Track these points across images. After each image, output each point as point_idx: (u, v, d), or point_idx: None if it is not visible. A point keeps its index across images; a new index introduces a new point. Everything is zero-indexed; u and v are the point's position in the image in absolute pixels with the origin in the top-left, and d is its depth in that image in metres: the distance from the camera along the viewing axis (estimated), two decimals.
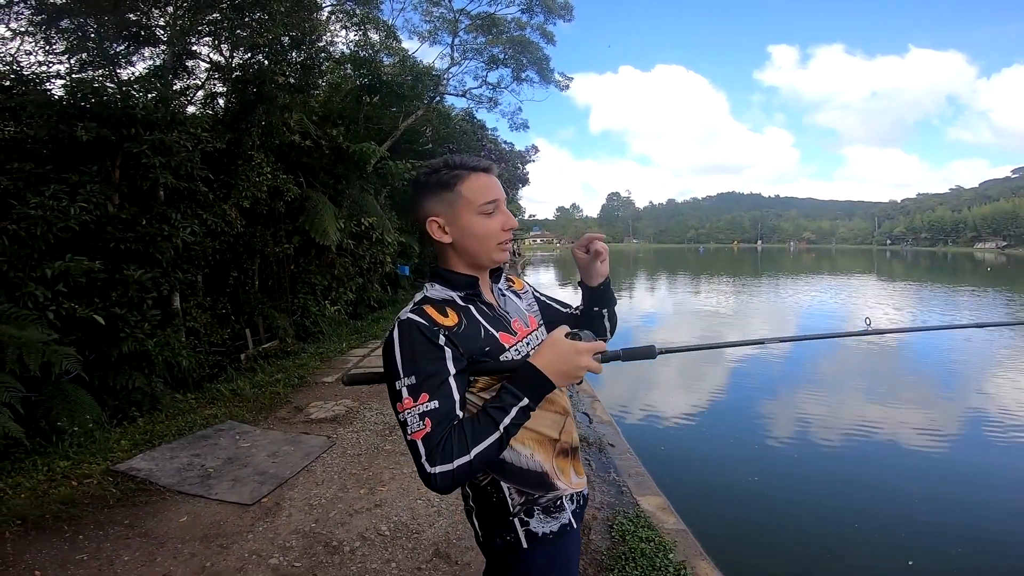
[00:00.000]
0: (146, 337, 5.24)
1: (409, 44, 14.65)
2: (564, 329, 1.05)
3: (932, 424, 5.66)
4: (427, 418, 0.96)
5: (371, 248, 11.30)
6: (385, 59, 12.91)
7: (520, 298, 1.27)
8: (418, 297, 1.11)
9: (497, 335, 1.10)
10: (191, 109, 7.20)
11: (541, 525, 1.11)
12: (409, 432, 0.96)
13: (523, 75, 15.61)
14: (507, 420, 0.99)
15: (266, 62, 7.28)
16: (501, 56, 14.91)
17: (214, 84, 7.74)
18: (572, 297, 1.40)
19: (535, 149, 22.24)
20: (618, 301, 1.22)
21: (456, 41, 14.85)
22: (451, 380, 1.01)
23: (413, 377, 0.98)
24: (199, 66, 7.47)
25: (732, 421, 5.86)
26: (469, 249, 1.09)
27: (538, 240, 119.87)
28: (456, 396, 1.00)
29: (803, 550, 3.32)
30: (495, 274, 1.19)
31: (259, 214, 7.82)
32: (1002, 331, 11.94)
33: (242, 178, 6.98)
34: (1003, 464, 4.71)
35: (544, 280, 28.68)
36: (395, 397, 1.00)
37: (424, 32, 14.80)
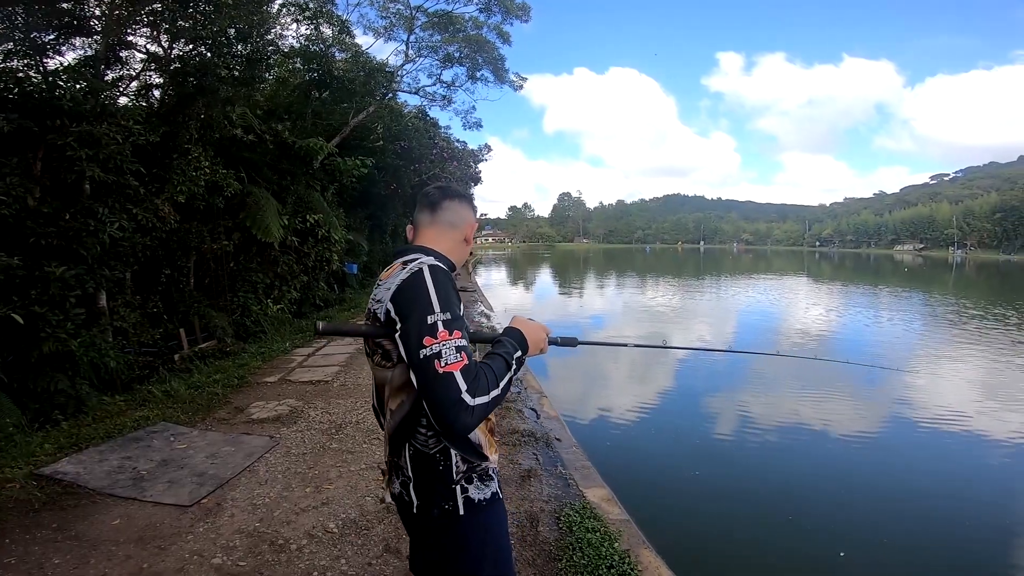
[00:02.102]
0: (69, 337, 4.92)
1: (364, 39, 14.42)
2: (523, 317, 1.31)
3: (861, 420, 6.03)
4: (463, 352, 1.04)
5: (317, 246, 11.01)
6: (337, 54, 12.60)
7: None
8: (425, 255, 1.20)
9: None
10: (123, 101, 6.79)
11: (478, 492, 1.19)
12: (443, 364, 1.01)
13: (478, 74, 15.65)
14: (514, 364, 1.15)
15: (209, 54, 6.96)
16: (456, 55, 14.86)
17: (150, 76, 7.33)
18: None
19: (488, 148, 22.30)
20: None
21: (412, 38, 14.72)
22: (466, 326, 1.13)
23: (448, 314, 1.06)
24: (134, 57, 7.05)
25: (674, 418, 6.09)
26: (461, 254, 1.34)
27: (490, 239, 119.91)
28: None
29: (740, 540, 3.47)
30: None
31: (196, 210, 7.47)
32: (923, 327, 13.08)
33: (177, 172, 6.68)
34: (924, 457, 5.05)
35: (495, 279, 28.80)
36: (426, 330, 1.03)
37: (379, 28, 14.58)
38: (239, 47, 7.44)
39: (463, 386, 1.00)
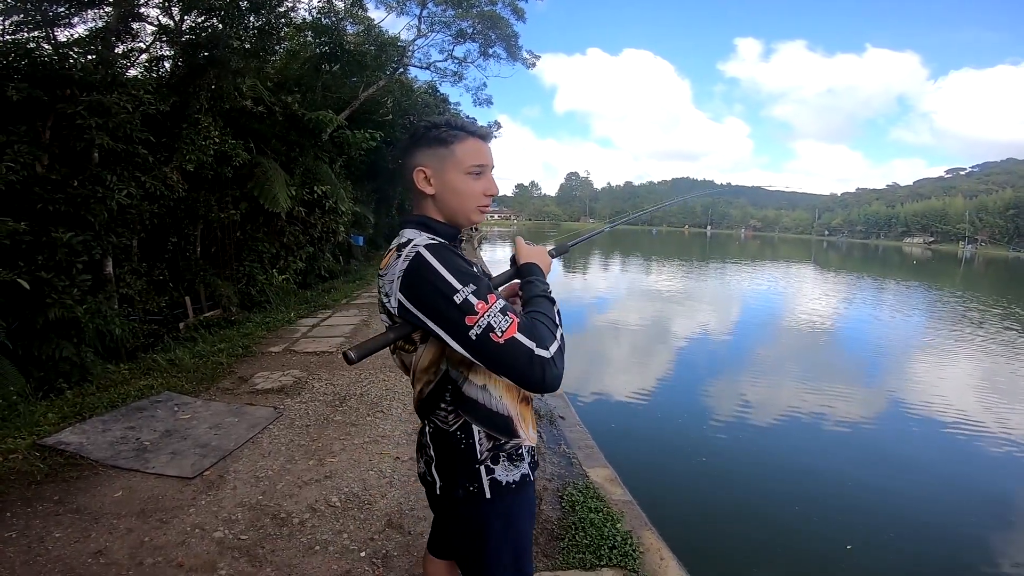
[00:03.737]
0: (75, 303, 4.94)
1: (376, 13, 14.07)
2: (523, 239, 1.26)
3: (867, 410, 6.01)
4: (509, 312, 0.97)
5: (323, 217, 10.97)
6: (349, 28, 12.37)
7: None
8: (416, 234, 1.08)
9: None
10: (133, 72, 6.74)
11: (505, 473, 1.12)
12: (500, 333, 0.94)
13: (490, 51, 15.29)
14: (552, 296, 1.11)
15: (220, 26, 6.85)
16: (469, 30, 14.52)
17: (160, 47, 7.26)
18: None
19: (498, 125, 21.91)
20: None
21: (424, 13, 14.33)
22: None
23: (472, 284, 0.97)
24: (145, 29, 6.96)
25: (679, 402, 6.08)
26: (449, 204, 1.12)
27: (496, 216, 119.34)
28: None
29: (744, 529, 3.44)
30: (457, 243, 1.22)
31: (204, 179, 7.43)
32: (923, 318, 12.99)
33: (186, 142, 6.64)
34: (932, 450, 5.03)
35: (500, 256, 28.73)
36: (461, 311, 0.95)
37: (392, 2, 14.23)
38: (251, 18, 7.32)
39: (531, 344, 0.94)
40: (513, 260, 1.25)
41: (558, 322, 1.05)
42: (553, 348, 0.96)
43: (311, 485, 2.78)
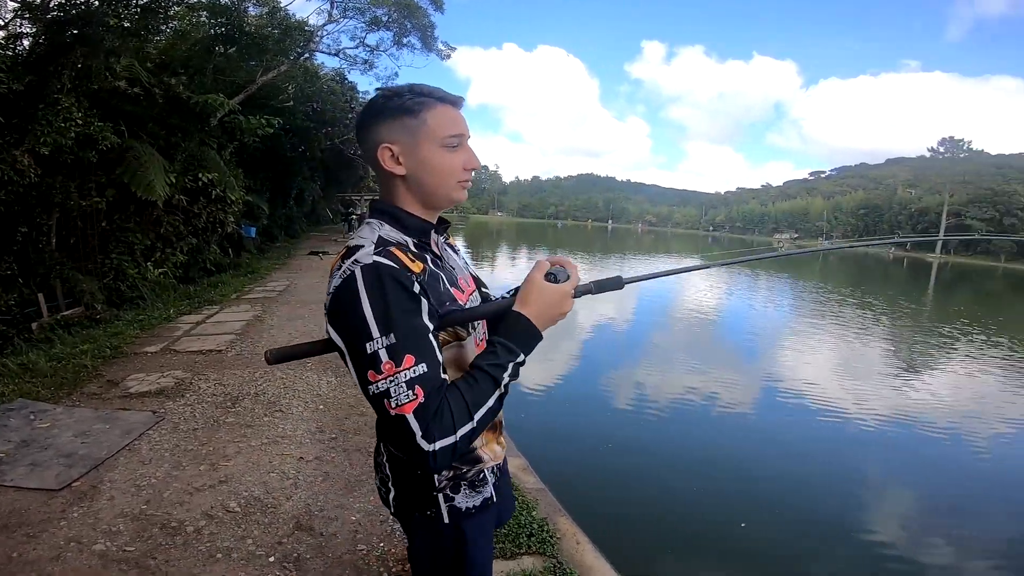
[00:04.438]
0: None
1: None
2: (544, 268, 0.97)
3: (753, 396, 6.55)
4: (417, 386, 0.81)
5: (209, 206, 10.08)
6: (251, 9, 11.38)
7: (457, 254, 1.15)
8: (370, 236, 0.92)
9: (451, 291, 0.97)
10: None
11: (465, 500, 1.03)
12: (393, 405, 0.80)
13: (405, 40, 14.89)
14: (506, 377, 0.89)
15: (96, 2, 6.08)
16: (384, 18, 13.99)
17: (20, 24, 6.28)
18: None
19: None
20: (480, 273, 1.18)
21: None
22: (431, 337, 0.86)
23: (392, 336, 0.81)
24: (6, 4, 5.99)
25: (583, 391, 6.32)
26: (425, 184, 0.96)
27: None
28: (440, 357, 0.86)
29: (651, 511, 3.63)
30: (440, 227, 1.05)
31: (62, 164, 6.52)
32: (792, 307, 14.72)
33: (42, 123, 5.80)
34: (805, 430, 5.52)
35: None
36: (367, 363, 0.81)
37: None
38: None
39: (417, 431, 0.80)
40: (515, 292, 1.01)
41: (476, 416, 0.86)
42: (440, 444, 0.81)
43: (204, 491, 2.58)
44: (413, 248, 0.94)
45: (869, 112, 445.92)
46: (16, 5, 6.17)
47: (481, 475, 1.05)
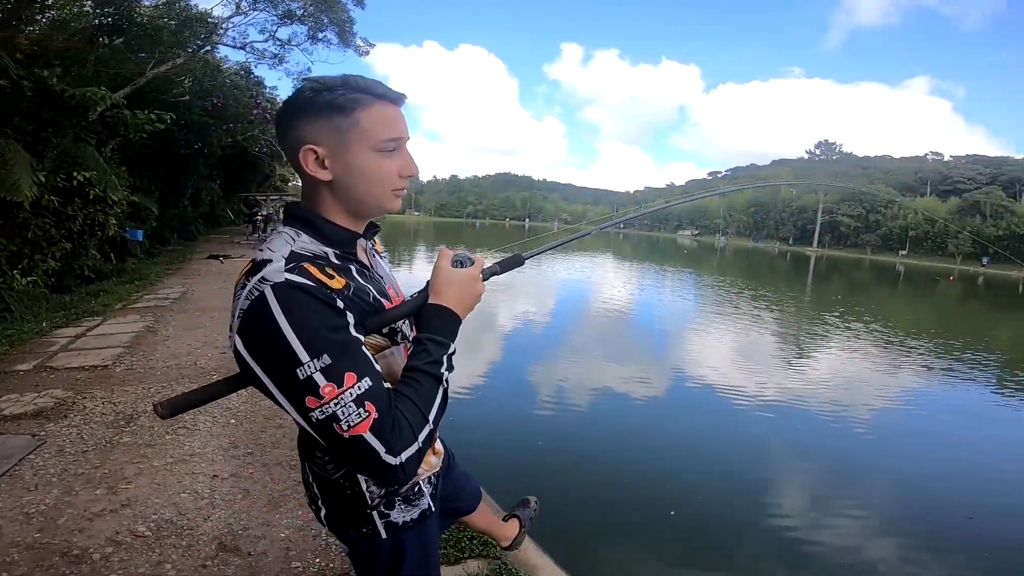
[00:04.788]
0: None
1: None
2: (449, 256, 0.95)
3: (670, 386, 6.92)
4: (367, 402, 0.75)
5: (87, 207, 9.08)
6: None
7: (383, 260, 1.11)
8: (280, 250, 0.81)
9: (382, 302, 0.91)
10: None
11: (401, 515, 1.00)
12: (345, 428, 0.74)
13: (320, 35, 13.98)
14: (444, 372, 0.86)
15: None
16: (299, 12, 13.11)
17: None
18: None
19: None
20: (398, 274, 1.22)
21: None
22: (365, 350, 0.80)
23: (325, 356, 0.74)
24: None
25: (510, 388, 6.40)
26: (353, 192, 0.86)
27: None
28: (378, 367, 0.81)
29: (586, 506, 3.72)
30: (368, 231, 0.96)
31: None
32: (697, 301, 15.88)
33: None
34: (720, 416, 5.85)
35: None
36: (302, 390, 0.74)
37: None
38: None
39: (380, 449, 0.75)
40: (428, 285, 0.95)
41: (430, 416, 0.82)
42: (407, 454, 0.78)
43: (105, 516, 2.37)
44: (335, 260, 0.86)
45: (759, 116, 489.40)
46: None
47: (416, 488, 1.02)
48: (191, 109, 13.02)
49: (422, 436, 0.80)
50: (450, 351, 0.88)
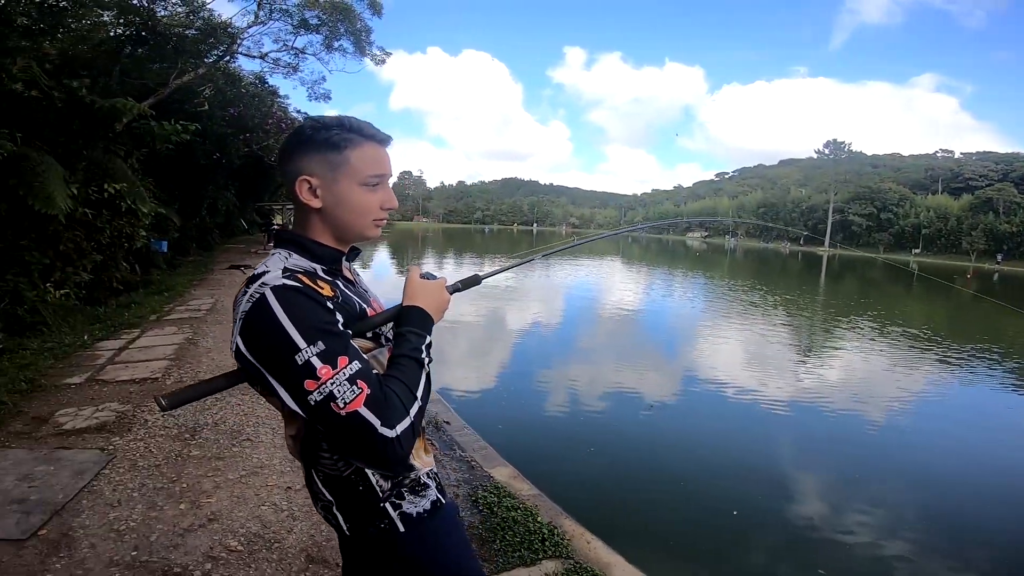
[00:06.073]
0: None
1: None
2: (418, 271, 1.09)
3: (720, 382, 6.98)
4: (359, 380, 0.84)
5: (116, 220, 9.18)
6: (161, 11, 10.47)
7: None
8: (276, 267, 0.93)
9: (366, 310, 1.02)
10: None
11: (414, 506, 1.04)
12: (341, 405, 0.82)
13: (336, 44, 14.06)
14: (425, 357, 0.96)
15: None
16: (314, 21, 13.22)
17: None
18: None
19: None
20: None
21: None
22: (353, 343, 0.90)
23: (320, 343, 0.84)
24: None
25: (554, 396, 6.38)
26: (340, 219, 0.99)
27: None
28: (364, 356, 0.90)
29: (642, 504, 3.78)
30: (351, 253, 1.10)
31: None
32: (721, 304, 15.77)
33: None
34: (811, 419, 5.94)
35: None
36: (301, 374, 0.83)
37: None
38: None
39: (375, 421, 0.83)
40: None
41: (418, 393, 0.92)
42: (401, 427, 0.85)
43: (196, 531, 2.39)
44: (323, 275, 0.97)
45: (765, 116, 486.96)
46: None
47: (420, 481, 1.07)
48: (212, 119, 13.18)
49: (413, 411, 0.88)
50: (427, 342, 0.99)
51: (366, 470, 0.99)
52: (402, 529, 1.02)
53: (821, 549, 3.48)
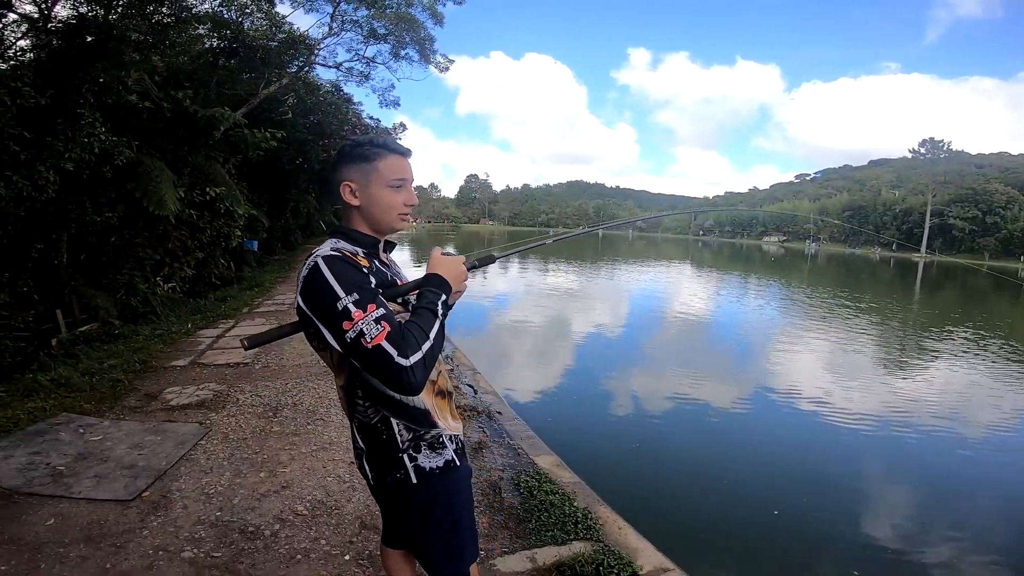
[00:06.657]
0: None
1: (282, 8, 13.00)
2: (440, 250, 1.30)
3: (772, 394, 6.76)
4: (383, 321, 1.06)
5: (216, 220, 10.15)
6: (246, 23, 11.50)
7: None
8: (327, 247, 1.19)
9: (398, 281, 1.28)
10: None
11: (428, 460, 1.24)
12: (369, 340, 1.04)
13: (402, 53, 14.76)
14: (439, 309, 1.17)
15: (113, 16, 6.27)
16: (382, 31, 13.95)
17: (38, 36, 6.49)
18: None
19: (403, 127, 21.30)
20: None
21: (335, 11, 13.59)
22: (382, 297, 1.13)
23: (355, 294, 1.07)
24: (7, 16, 6.15)
25: (606, 393, 6.52)
26: (373, 214, 1.25)
27: None
28: (390, 305, 1.14)
29: (681, 500, 3.85)
30: (387, 246, 1.34)
31: (78, 179, 6.60)
32: (801, 311, 14.96)
33: (62, 138, 5.89)
34: (827, 428, 5.68)
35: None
36: (340, 316, 1.06)
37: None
38: (150, 8, 6.78)
39: (393, 352, 1.03)
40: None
41: (430, 335, 1.11)
42: (414, 358, 1.06)
43: (270, 497, 2.71)
44: (363, 255, 1.21)
45: (851, 114, 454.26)
46: (15, 17, 6.23)
47: (439, 439, 1.27)
48: (295, 126, 14.17)
49: (425, 347, 1.09)
50: (442, 299, 1.19)
51: (391, 419, 1.21)
52: (414, 481, 1.23)
53: (861, 555, 3.38)
